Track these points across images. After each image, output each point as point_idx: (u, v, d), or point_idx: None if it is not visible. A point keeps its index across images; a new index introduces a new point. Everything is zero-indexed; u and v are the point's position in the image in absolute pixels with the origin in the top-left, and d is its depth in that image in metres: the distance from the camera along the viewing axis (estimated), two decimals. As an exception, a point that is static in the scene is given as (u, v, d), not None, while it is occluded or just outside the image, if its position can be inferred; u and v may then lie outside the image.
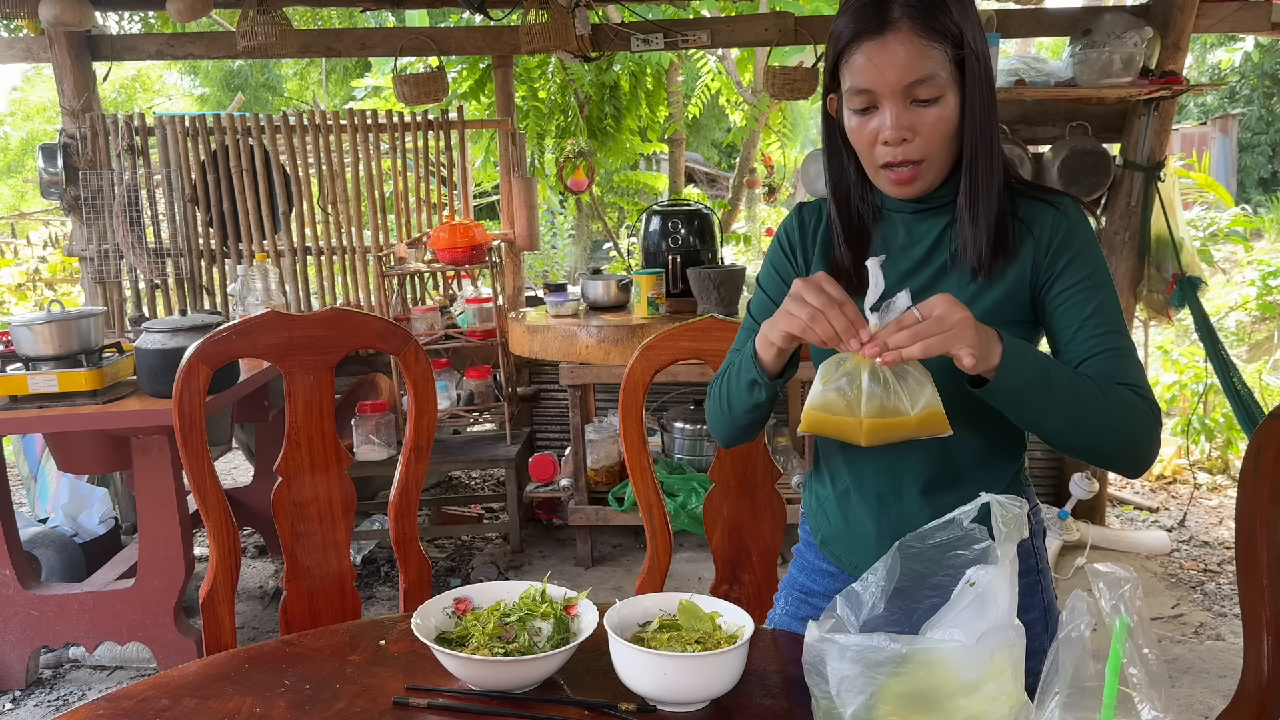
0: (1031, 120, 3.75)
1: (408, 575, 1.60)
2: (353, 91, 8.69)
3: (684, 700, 1.03)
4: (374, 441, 3.65)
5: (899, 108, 1.11)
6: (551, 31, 3.60)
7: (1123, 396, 1.10)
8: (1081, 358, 1.14)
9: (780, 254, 1.33)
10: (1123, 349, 1.14)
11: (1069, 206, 1.19)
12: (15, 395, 2.58)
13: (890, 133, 1.12)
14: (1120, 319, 1.17)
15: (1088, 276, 1.16)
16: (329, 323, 1.55)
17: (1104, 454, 1.12)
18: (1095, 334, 1.14)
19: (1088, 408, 1.07)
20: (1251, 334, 5.99)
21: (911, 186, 1.16)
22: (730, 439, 1.32)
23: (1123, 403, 1.09)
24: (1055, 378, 1.06)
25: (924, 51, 1.09)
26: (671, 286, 3.59)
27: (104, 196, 3.87)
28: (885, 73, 1.09)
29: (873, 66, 1.10)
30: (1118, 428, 1.09)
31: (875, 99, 1.12)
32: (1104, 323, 1.14)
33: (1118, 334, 1.15)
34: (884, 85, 1.10)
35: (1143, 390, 1.12)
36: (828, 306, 1.04)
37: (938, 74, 1.10)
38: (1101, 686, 0.75)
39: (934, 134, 1.12)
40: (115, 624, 2.74)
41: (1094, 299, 1.15)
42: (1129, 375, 1.13)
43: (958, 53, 1.10)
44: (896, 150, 1.13)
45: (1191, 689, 2.67)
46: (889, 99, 1.11)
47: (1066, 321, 1.16)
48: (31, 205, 10.67)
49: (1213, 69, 13.29)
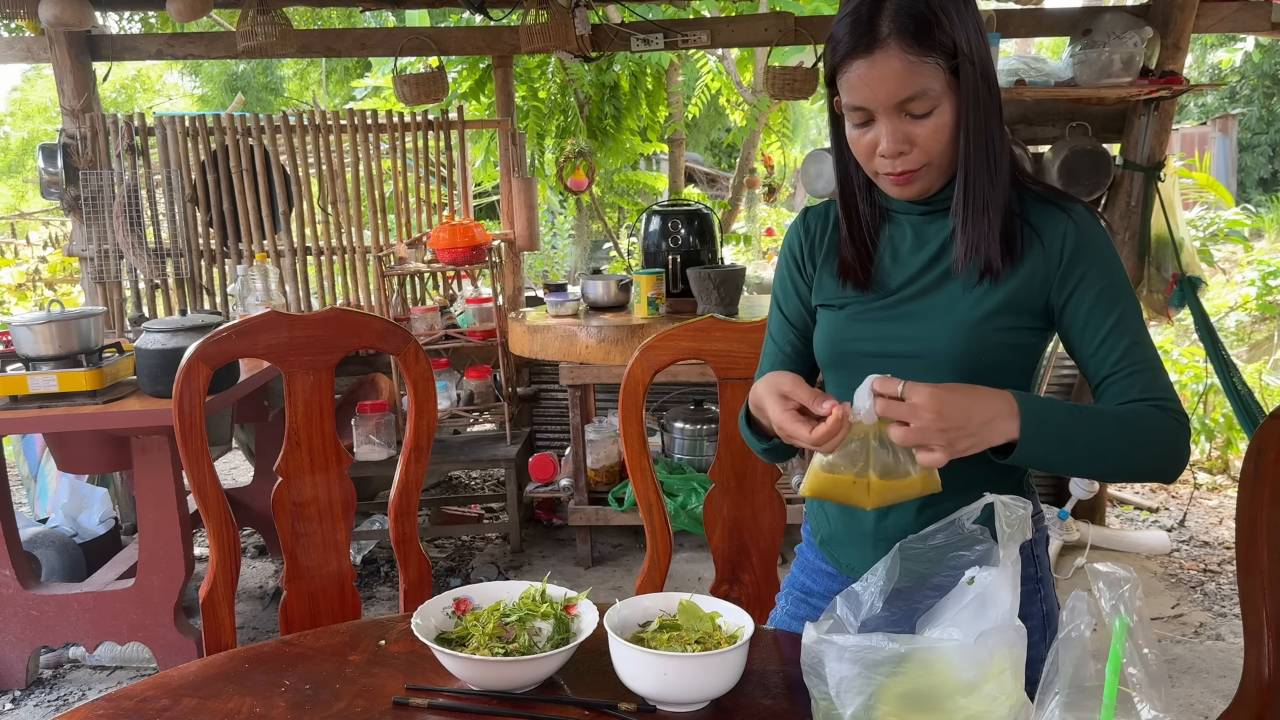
0: (1031, 120, 3.75)
1: (408, 575, 1.60)
2: (353, 91, 8.69)
3: (684, 700, 1.03)
4: (374, 441, 3.65)
5: (894, 123, 1.10)
6: (551, 31, 3.60)
7: (1150, 422, 1.09)
8: (1104, 375, 1.13)
9: (790, 266, 1.32)
10: (1146, 362, 1.13)
11: (1080, 213, 1.16)
12: (15, 395, 2.58)
13: (887, 147, 1.11)
14: (1142, 328, 1.14)
15: (1105, 289, 1.14)
16: (329, 323, 1.55)
17: (1136, 478, 1.13)
18: (1116, 350, 1.13)
19: (1116, 453, 1.07)
20: (1251, 334, 5.99)
21: (911, 187, 1.16)
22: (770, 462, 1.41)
23: (1150, 430, 1.09)
24: (1077, 436, 1.06)
25: (914, 68, 1.08)
26: (671, 286, 3.59)
27: (104, 196, 3.87)
28: (876, 90, 1.09)
29: (864, 85, 1.10)
30: (1146, 457, 1.10)
31: (870, 115, 1.12)
32: (1125, 335, 1.13)
33: (1139, 345, 1.13)
34: (876, 102, 1.10)
35: (1169, 403, 1.11)
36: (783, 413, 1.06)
37: (930, 88, 1.09)
38: (1101, 686, 0.75)
39: (931, 144, 1.12)
40: (115, 624, 2.74)
41: (1113, 312, 1.13)
42: (1155, 389, 1.12)
43: (951, 62, 1.09)
44: (895, 162, 1.13)
45: (1191, 689, 2.67)
46: (883, 114, 1.11)
47: (1087, 338, 1.14)
48: (31, 205, 10.68)
49: (1213, 69, 13.29)
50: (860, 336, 1.22)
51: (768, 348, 1.36)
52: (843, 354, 1.24)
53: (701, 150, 11.48)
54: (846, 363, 1.24)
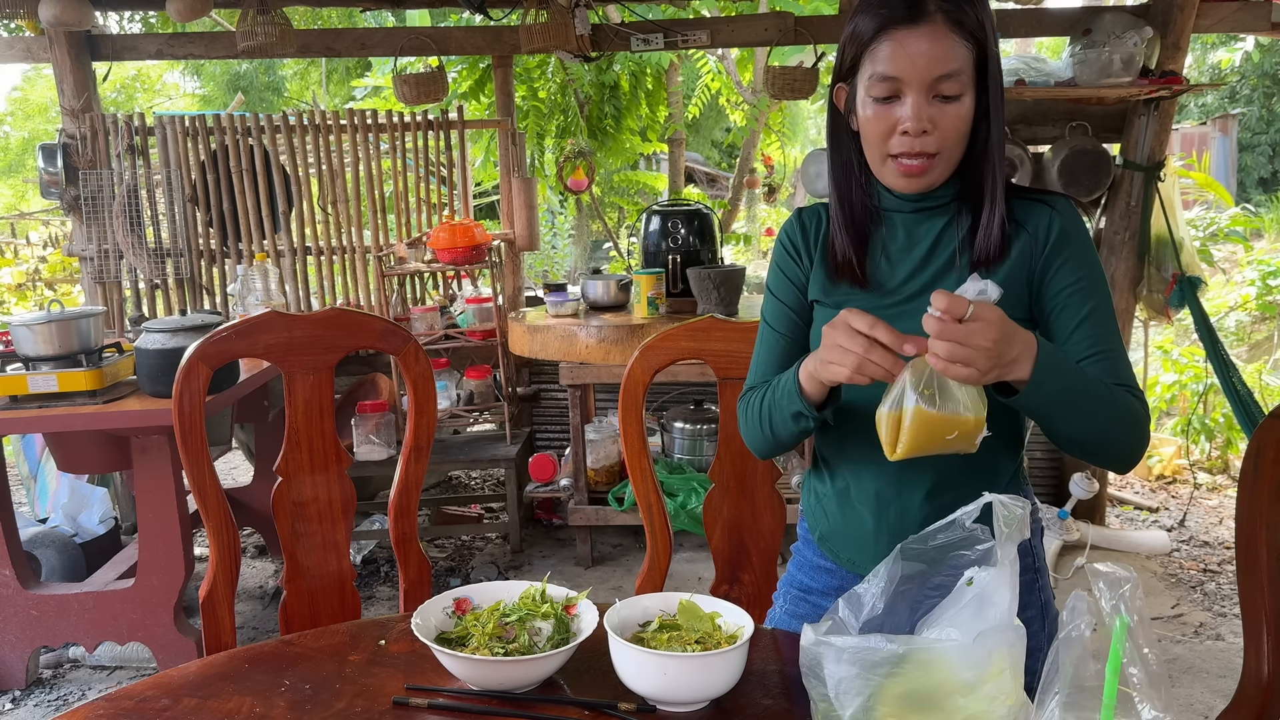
0: (1031, 120, 3.75)
1: (408, 575, 1.60)
2: (353, 91, 8.69)
3: (684, 700, 1.03)
4: (374, 441, 3.65)
5: (923, 99, 1.12)
6: (551, 31, 3.60)
7: (1128, 403, 1.13)
8: (1079, 357, 1.17)
9: (785, 256, 1.33)
10: (1116, 351, 1.18)
11: (1063, 205, 1.21)
12: (15, 395, 2.58)
13: (912, 124, 1.12)
14: (1113, 320, 1.19)
15: (1082, 278, 1.18)
16: (329, 323, 1.55)
17: (1103, 454, 1.15)
18: (1090, 336, 1.17)
19: (1100, 421, 1.10)
20: (1251, 334, 6.00)
21: (921, 179, 1.17)
22: (769, 455, 1.34)
23: (1128, 410, 1.13)
24: (1076, 391, 1.07)
25: (953, 47, 1.10)
26: (671, 286, 3.59)
27: (104, 196, 3.87)
28: (916, 62, 1.10)
29: (904, 54, 1.11)
30: (1123, 433, 1.13)
31: (900, 88, 1.12)
32: (1098, 324, 1.17)
33: (1111, 336, 1.18)
34: (913, 74, 1.11)
35: (1135, 391, 1.16)
36: (867, 350, 1.02)
37: (962, 72, 1.11)
38: (1101, 686, 0.75)
39: (952, 130, 1.13)
40: (115, 624, 2.74)
41: (1089, 301, 1.18)
42: (1123, 377, 1.16)
43: (979, 51, 1.12)
44: (915, 141, 1.13)
45: (1191, 689, 2.67)
46: (914, 89, 1.11)
47: (1062, 323, 1.18)
48: (31, 205, 10.68)
49: (1213, 69, 13.28)
50: None
51: (766, 337, 1.35)
52: None
53: (701, 150, 11.48)
54: None
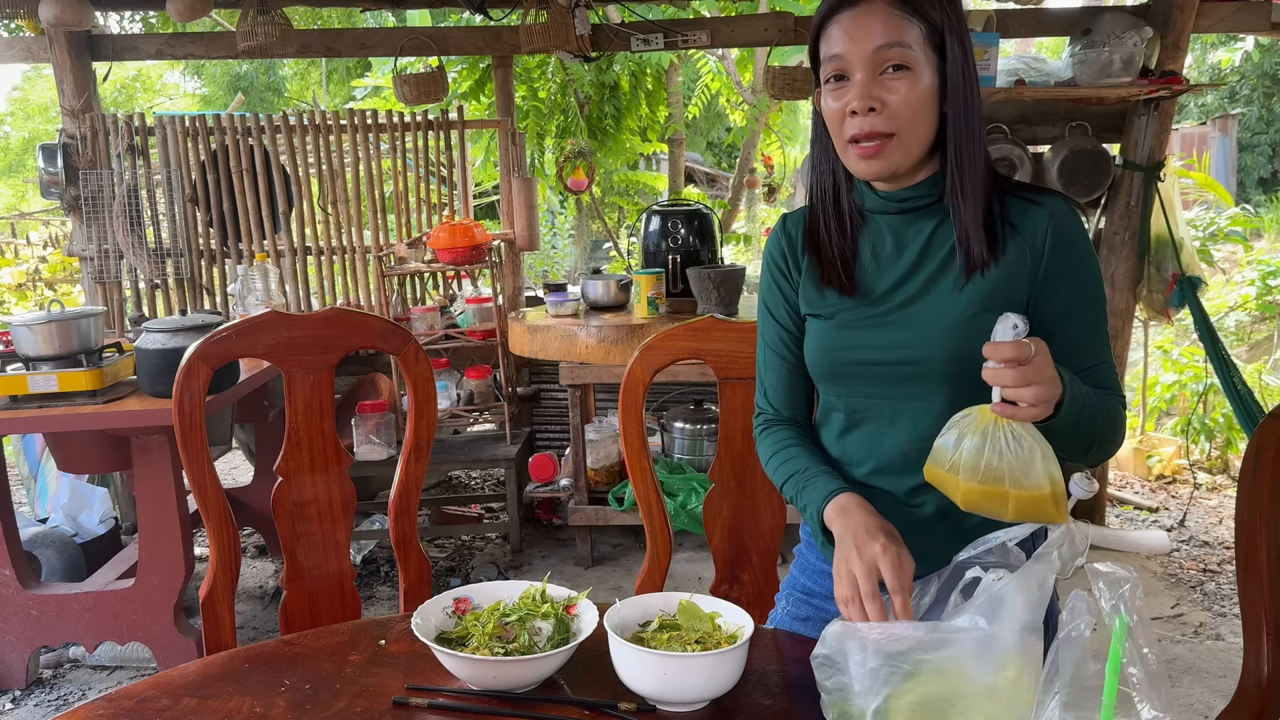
0: (1031, 120, 3.75)
1: (408, 575, 1.60)
2: (353, 91, 8.70)
3: (684, 700, 1.03)
4: (374, 441, 3.65)
5: (868, 76, 1.12)
6: (551, 31, 3.60)
7: (1116, 410, 1.16)
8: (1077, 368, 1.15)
9: (775, 268, 1.33)
10: (1108, 361, 1.20)
11: (1059, 207, 1.18)
12: (15, 395, 2.58)
13: (857, 101, 1.12)
14: (1106, 326, 1.21)
15: (1078, 292, 1.17)
16: (329, 323, 1.55)
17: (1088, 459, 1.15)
18: (1084, 350, 1.17)
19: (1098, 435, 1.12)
20: (1251, 334, 6.00)
21: (878, 161, 1.14)
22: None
23: (1115, 418, 1.16)
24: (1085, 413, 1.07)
25: (897, 22, 1.11)
26: (671, 286, 3.59)
27: (104, 196, 3.87)
28: (856, 39, 1.11)
29: (845, 35, 1.12)
30: (1110, 442, 1.16)
31: (847, 67, 1.13)
32: (1093, 338, 1.19)
33: (1104, 347, 1.20)
34: (855, 51, 1.11)
35: (1119, 394, 1.19)
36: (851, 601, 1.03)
37: (909, 44, 1.11)
38: (1101, 686, 0.75)
39: (903, 107, 1.12)
40: (115, 624, 2.74)
41: (1084, 317, 1.18)
42: (1112, 383, 1.19)
43: (934, 34, 1.12)
44: (864, 121, 1.12)
45: (1191, 689, 2.67)
46: (859, 65, 1.12)
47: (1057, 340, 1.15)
48: (31, 205, 10.68)
49: (1213, 69, 13.28)
50: (852, 345, 1.22)
51: (769, 360, 1.34)
52: (836, 364, 1.24)
53: (701, 150, 11.49)
54: (840, 373, 1.24)
